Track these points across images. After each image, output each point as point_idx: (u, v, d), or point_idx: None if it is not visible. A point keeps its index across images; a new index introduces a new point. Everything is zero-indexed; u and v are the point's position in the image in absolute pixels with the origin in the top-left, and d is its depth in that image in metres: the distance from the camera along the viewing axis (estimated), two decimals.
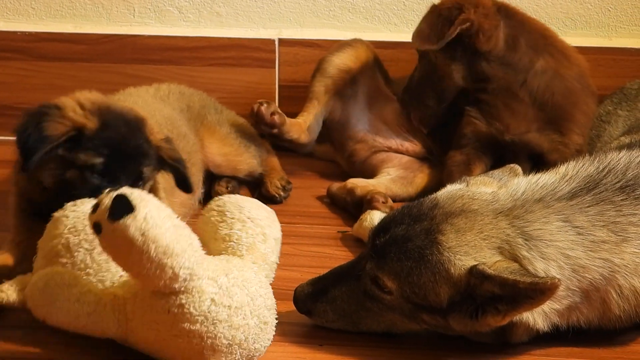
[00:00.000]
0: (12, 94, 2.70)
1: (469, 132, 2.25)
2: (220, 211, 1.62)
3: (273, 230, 1.63)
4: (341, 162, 2.50)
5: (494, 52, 2.18)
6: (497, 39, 2.17)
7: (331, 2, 2.68)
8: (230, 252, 1.58)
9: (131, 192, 1.42)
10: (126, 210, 1.39)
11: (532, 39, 2.21)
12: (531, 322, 1.54)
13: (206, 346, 1.46)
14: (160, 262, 1.41)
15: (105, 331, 1.53)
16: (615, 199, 1.59)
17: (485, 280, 1.47)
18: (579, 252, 1.53)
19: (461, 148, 2.27)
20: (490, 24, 2.16)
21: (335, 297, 1.64)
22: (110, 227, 1.40)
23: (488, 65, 2.19)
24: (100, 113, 1.74)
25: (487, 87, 2.21)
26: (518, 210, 1.56)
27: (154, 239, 1.40)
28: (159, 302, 1.47)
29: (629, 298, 1.57)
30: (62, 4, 2.71)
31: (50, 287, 1.51)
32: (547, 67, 2.20)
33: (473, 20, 2.13)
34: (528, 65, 2.19)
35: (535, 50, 2.20)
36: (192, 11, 2.70)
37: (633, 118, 2.25)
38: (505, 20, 2.20)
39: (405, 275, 1.53)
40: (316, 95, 2.39)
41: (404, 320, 1.60)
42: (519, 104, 2.20)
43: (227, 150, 2.30)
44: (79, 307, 1.50)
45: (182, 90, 2.35)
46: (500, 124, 2.22)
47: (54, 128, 1.70)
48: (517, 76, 2.19)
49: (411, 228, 1.55)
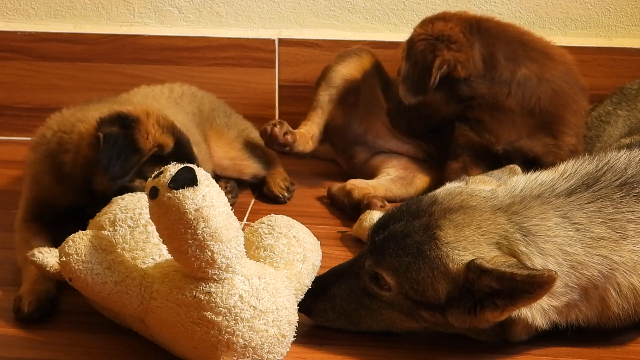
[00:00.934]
0: (12, 94, 2.70)
1: (462, 142, 2.26)
2: (270, 225, 1.65)
3: (314, 256, 1.65)
4: (342, 162, 2.50)
5: (473, 75, 2.18)
6: (474, 62, 2.17)
7: (331, 2, 2.68)
8: (268, 262, 1.59)
9: (198, 168, 1.45)
10: (188, 183, 1.42)
11: (510, 50, 2.20)
12: (530, 319, 1.54)
13: (222, 341, 1.47)
14: (203, 243, 1.43)
15: (126, 305, 1.53)
16: (614, 196, 1.59)
17: (483, 275, 1.47)
18: (577, 248, 1.54)
19: (457, 157, 2.28)
20: (465, 54, 2.16)
21: (334, 295, 1.64)
22: (167, 194, 1.42)
23: (469, 87, 2.19)
24: (174, 132, 1.82)
25: (473, 103, 2.22)
26: (516, 206, 1.56)
27: (205, 218, 1.42)
28: (188, 284, 1.48)
29: (628, 296, 1.57)
30: (62, 4, 2.71)
31: (89, 247, 1.52)
32: (530, 74, 2.20)
33: (449, 60, 2.15)
34: (510, 76, 2.19)
35: (514, 61, 2.20)
36: (192, 11, 2.70)
37: (633, 118, 2.25)
38: (479, 39, 2.19)
39: (404, 270, 1.54)
40: (320, 105, 2.39)
41: (403, 319, 1.60)
42: (506, 114, 2.21)
43: (234, 155, 2.31)
44: (109, 274, 1.51)
45: (194, 92, 2.36)
46: (490, 135, 2.23)
47: (144, 142, 1.77)
48: (501, 89, 2.19)
49: (410, 224, 1.56)
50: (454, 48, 2.15)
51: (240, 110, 2.47)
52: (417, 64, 2.16)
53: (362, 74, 2.40)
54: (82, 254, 1.51)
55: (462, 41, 2.17)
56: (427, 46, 2.16)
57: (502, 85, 2.19)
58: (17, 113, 2.71)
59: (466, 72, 2.17)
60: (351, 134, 2.43)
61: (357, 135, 2.44)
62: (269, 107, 2.68)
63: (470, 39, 2.18)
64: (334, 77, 2.39)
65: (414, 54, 2.17)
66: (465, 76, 2.17)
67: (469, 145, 2.26)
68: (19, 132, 2.69)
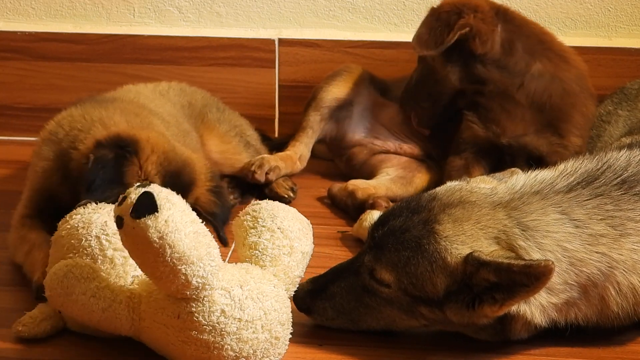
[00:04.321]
0: (12, 94, 2.70)
1: (467, 136, 2.26)
2: (254, 217, 1.62)
3: (302, 244, 1.63)
4: (339, 164, 2.50)
5: (489, 56, 2.18)
6: (493, 42, 2.18)
7: (331, 2, 2.68)
8: (254, 261, 1.58)
9: (159, 191, 1.41)
10: (149, 210, 1.39)
11: (529, 43, 2.21)
12: (529, 315, 1.54)
13: (212, 356, 1.46)
14: (174, 268, 1.41)
15: (118, 328, 1.52)
16: (613, 193, 1.59)
17: (481, 267, 1.48)
18: (576, 244, 1.54)
19: (460, 153, 2.28)
20: (487, 28, 2.16)
21: (334, 293, 1.64)
22: (131, 224, 1.39)
23: (484, 68, 2.19)
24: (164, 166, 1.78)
25: (484, 89, 2.21)
26: (515, 202, 1.56)
27: (171, 244, 1.39)
28: (171, 305, 1.47)
29: (627, 295, 1.57)
30: (62, 4, 2.71)
31: (69, 279, 1.50)
32: (544, 70, 2.20)
33: (472, 25, 2.14)
34: (524, 68, 2.19)
35: (531, 55, 2.20)
36: (192, 11, 2.70)
37: (633, 118, 2.25)
38: (503, 24, 2.20)
39: (403, 265, 1.54)
40: (310, 125, 2.40)
41: (402, 316, 1.60)
42: (516, 106, 2.21)
43: (225, 148, 2.30)
44: (95, 302, 1.50)
45: (183, 87, 2.35)
46: (497, 127, 2.23)
47: (131, 176, 1.74)
48: (513, 79, 2.19)
49: (409, 219, 1.56)
50: (479, 17, 2.16)
51: (240, 110, 2.47)
52: (439, 20, 2.16)
53: (354, 89, 2.41)
54: (65, 286, 1.49)
55: (487, 14, 2.17)
56: (453, 8, 2.17)
57: (515, 76, 2.19)
58: (17, 113, 2.71)
59: (483, 49, 2.17)
60: (347, 141, 2.44)
61: (352, 141, 2.44)
62: (269, 107, 2.68)
63: (495, 20, 2.19)
64: (325, 97, 2.40)
65: (438, 13, 2.18)
66: (481, 52, 2.17)
67: (473, 140, 2.26)
68: (19, 132, 2.70)
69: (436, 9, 2.20)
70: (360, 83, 2.42)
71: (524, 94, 2.20)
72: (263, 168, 2.26)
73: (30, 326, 1.60)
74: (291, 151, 2.37)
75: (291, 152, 2.37)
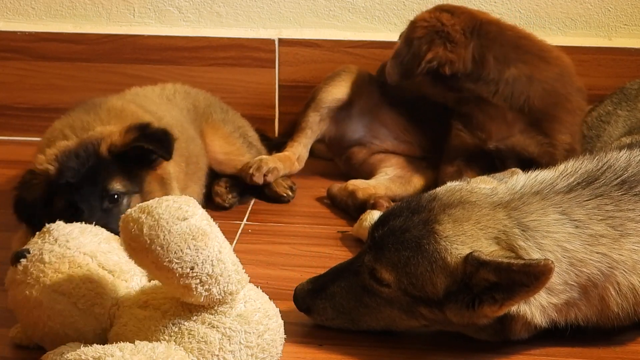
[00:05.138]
0: (12, 94, 2.70)
1: (456, 144, 2.28)
2: None
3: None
4: (339, 163, 2.50)
5: (461, 72, 2.20)
6: (464, 62, 2.20)
7: (331, 2, 2.68)
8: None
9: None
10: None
11: (502, 52, 2.22)
12: (529, 316, 1.54)
13: None
14: None
15: None
16: (613, 194, 1.59)
17: (480, 267, 1.48)
18: (576, 244, 1.54)
19: (451, 161, 2.29)
20: (457, 55, 2.18)
21: (334, 293, 1.64)
22: None
23: (456, 82, 2.22)
24: (58, 157, 1.78)
25: (463, 97, 2.23)
26: (516, 202, 1.56)
27: None
28: None
29: (627, 296, 1.57)
30: (62, 4, 2.71)
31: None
32: (519, 74, 2.21)
33: (440, 57, 2.17)
34: (497, 76, 2.21)
35: (504, 62, 2.21)
36: (192, 11, 2.70)
37: (633, 118, 2.25)
38: (476, 40, 2.21)
39: (403, 265, 1.54)
40: (310, 125, 2.40)
41: (402, 316, 1.60)
42: (496, 110, 2.22)
43: (229, 149, 2.30)
44: None
45: (188, 89, 2.35)
46: (481, 132, 2.24)
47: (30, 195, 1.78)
48: (488, 87, 2.21)
49: (409, 219, 1.56)
50: (449, 48, 2.17)
51: (240, 110, 2.47)
52: (410, 47, 2.19)
53: (354, 89, 2.42)
54: None
55: (459, 42, 2.19)
56: (425, 35, 2.18)
57: (489, 84, 2.21)
58: (17, 113, 2.71)
59: (451, 71, 2.19)
60: (346, 141, 2.45)
61: (351, 141, 2.44)
62: (269, 107, 2.68)
63: (468, 39, 2.20)
64: (325, 97, 2.40)
65: (411, 37, 2.20)
66: (450, 74, 2.19)
67: (462, 148, 2.27)
68: (19, 132, 2.70)
69: (411, 30, 2.22)
70: (359, 83, 2.42)
71: (501, 98, 2.21)
72: (261, 170, 2.25)
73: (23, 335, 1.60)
74: (289, 152, 2.37)
75: (289, 152, 2.37)
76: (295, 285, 1.67)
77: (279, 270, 1.85)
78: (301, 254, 2.01)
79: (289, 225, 2.18)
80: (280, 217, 2.23)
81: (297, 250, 2.02)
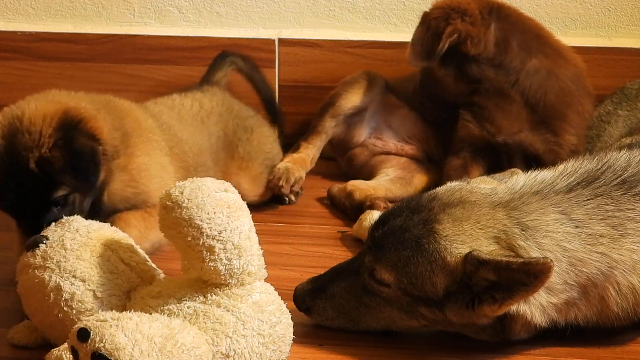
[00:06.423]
0: (12, 94, 2.68)
1: (463, 135, 2.27)
2: None
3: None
4: (341, 163, 2.51)
5: (483, 55, 2.19)
6: (486, 42, 2.19)
7: (331, 2, 2.68)
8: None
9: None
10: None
11: (524, 39, 2.21)
12: (529, 315, 1.54)
13: None
14: None
15: None
16: (613, 193, 1.59)
17: (480, 266, 1.48)
18: (576, 244, 1.54)
19: (457, 153, 2.29)
20: (477, 30, 2.18)
21: (334, 293, 1.64)
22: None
23: (478, 68, 2.20)
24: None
25: (479, 88, 2.22)
26: (515, 202, 1.57)
27: None
28: None
29: (627, 296, 1.57)
30: (62, 4, 2.71)
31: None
32: (540, 66, 2.21)
33: (460, 30, 2.16)
34: (520, 65, 2.20)
35: (527, 51, 2.21)
36: (192, 11, 2.70)
37: (633, 118, 2.25)
38: (497, 22, 2.21)
39: (403, 265, 1.54)
40: (325, 130, 2.40)
41: (402, 316, 1.60)
42: (510, 104, 2.21)
43: (259, 191, 2.23)
44: None
45: (221, 110, 2.26)
46: (491, 125, 2.24)
47: None
48: (508, 77, 2.20)
49: (409, 219, 1.56)
50: (468, 20, 2.17)
51: None
52: (429, 29, 2.18)
53: (370, 96, 2.42)
54: None
55: (476, 17, 2.18)
56: (442, 14, 2.18)
57: (510, 73, 2.20)
58: None
59: (475, 50, 2.18)
60: (352, 143, 2.45)
61: (357, 142, 2.45)
62: None
63: (487, 19, 2.20)
64: (344, 105, 2.40)
65: (428, 20, 2.19)
66: (474, 53, 2.18)
67: (469, 140, 2.26)
68: None
69: (426, 16, 2.21)
70: (376, 90, 2.42)
71: (519, 91, 2.20)
72: (290, 181, 2.24)
73: (22, 335, 1.60)
74: (304, 153, 2.37)
75: (304, 154, 2.37)
76: (295, 285, 1.67)
77: (279, 270, 1.84)
78: (301, 254, 2.01)
79: (289, 225, 2.19)
80: (280, 217, 2.23)
81: (297, 250, 2.02)
